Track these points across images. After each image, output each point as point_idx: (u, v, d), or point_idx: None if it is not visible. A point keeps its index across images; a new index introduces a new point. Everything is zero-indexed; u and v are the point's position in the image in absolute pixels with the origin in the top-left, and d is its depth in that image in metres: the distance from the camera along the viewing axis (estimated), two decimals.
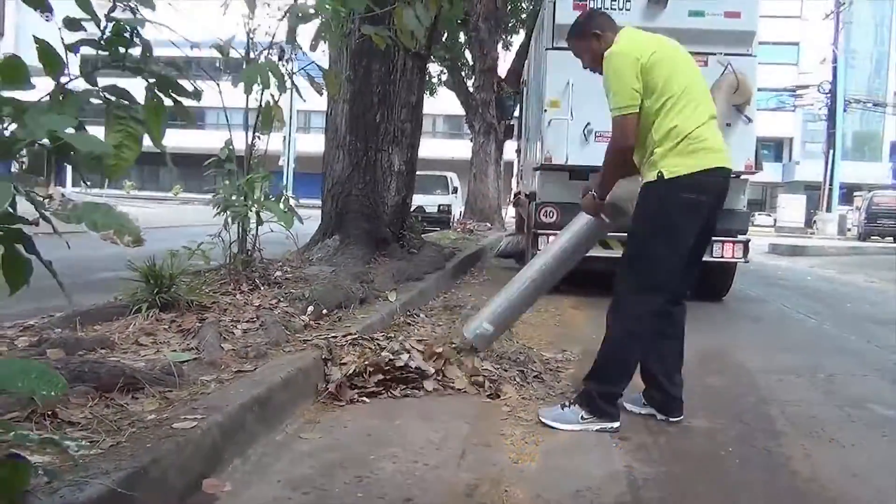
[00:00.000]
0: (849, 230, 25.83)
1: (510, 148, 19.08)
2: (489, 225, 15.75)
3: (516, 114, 13.60)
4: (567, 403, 2.96)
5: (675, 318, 3.06)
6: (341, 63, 6.08)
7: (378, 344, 3.52)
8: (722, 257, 6.55)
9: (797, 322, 6.22)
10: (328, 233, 6.01)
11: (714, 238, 5.98)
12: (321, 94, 4.00)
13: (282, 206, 4.10)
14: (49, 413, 2.02)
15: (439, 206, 18.05)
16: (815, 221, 26.50)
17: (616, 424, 2.89)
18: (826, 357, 4.53)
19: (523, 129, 10.54)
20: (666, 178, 2.76)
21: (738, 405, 3.32)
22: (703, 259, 3.23)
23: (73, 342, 2.78)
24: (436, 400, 3.18)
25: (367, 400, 3.10)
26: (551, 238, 6.65)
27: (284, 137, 30.02)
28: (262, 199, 4.10)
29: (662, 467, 2.52)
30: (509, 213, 19.69)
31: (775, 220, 29.27)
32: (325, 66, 5.15)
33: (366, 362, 3.23)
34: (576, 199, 6.65)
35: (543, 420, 2.92)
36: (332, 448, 2.52)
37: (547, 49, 6.64)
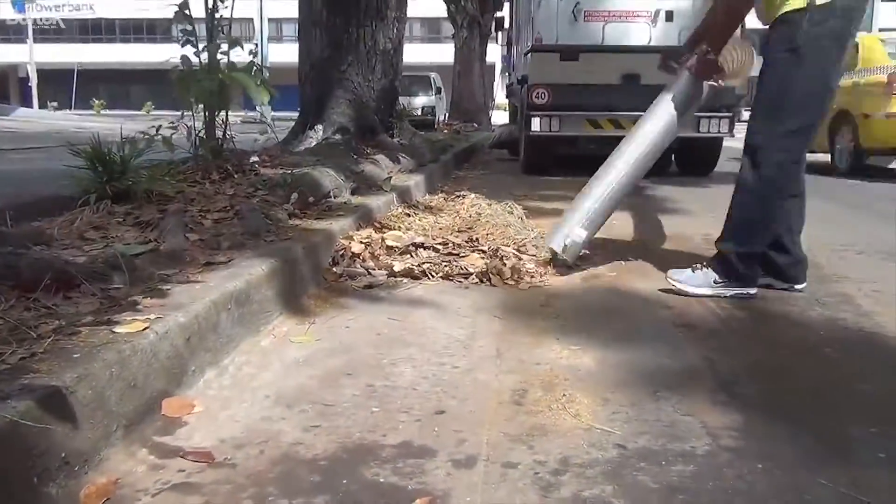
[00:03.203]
0: None
1: (493, 51, 18.21)
2: (476, 125, 15.00)
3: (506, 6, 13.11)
4: (699, 266, 2.66)
5: (802, 173, 2.71)
6: None
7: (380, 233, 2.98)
8: (709, 132, 6.67)
9: (829, 200, 5.70)
10: (309, 123, 5.34)
11: (700, 114, 6.16)
12: None
13: (254, 78, 3.44)
14: None
15: (423, 107, 17.20)
16: None
17: (753, 291, 2.62)
18: (872, 231, 4.03)
19: (514, 16, 10.22)
20: (818, 3, 2.41)
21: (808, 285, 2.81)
22: (689, 135, 2.95)
23: None
24: (453, 292, 2.64)
25: (373, 292, 2.57)
26: (543, 120, 6.72)
27: (256, 45, 28.60)
28: (228, 71, 3.43)
29: (748, 358, 2.00)
30: (495, 116, 18.97)
31: None
32: None
33: (370, 249, 2.68)
34: (567, 80, 6.74)
35: (672, 280, 2.64)
36: (334, 352, 1.98)
37: None
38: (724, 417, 1.60)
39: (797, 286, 2.71)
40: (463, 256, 2.99)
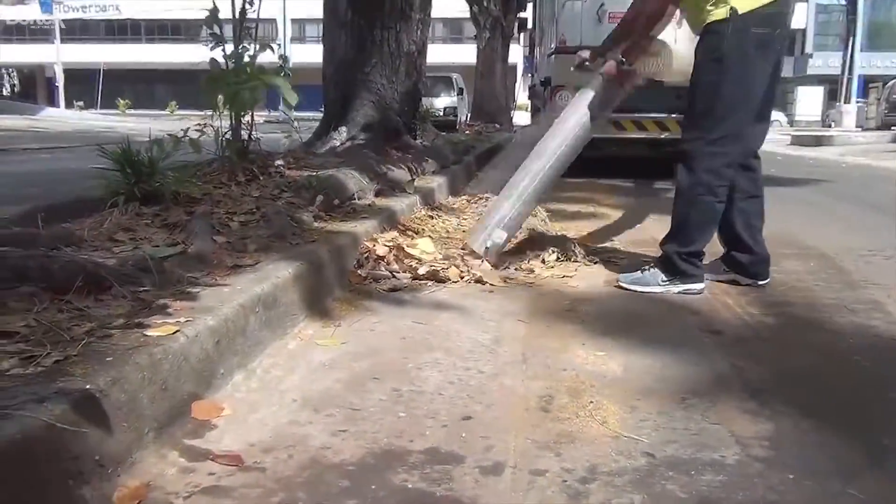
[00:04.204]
0: (869, 119, 24.72)
1: (515, 52, 18.20)
2: (498, 126, 14.99)
3: (529, 7, 13.17)
4: (647, 267, 2.80)
5: (756, 173, 2.84)
6: None
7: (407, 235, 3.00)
8: None
9: (851, 203, 5.64)
10: (333, 124, 5.36)
11: None
12: None
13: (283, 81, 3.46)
14: None
15: (445, 108, 17.22)
16: (828, 115, 25.55)
17: (700, 286, 2.73)
18: None
19: (537, 18, 10.28)
20: (740, 13, 2.54)
21: (833, 290, 2.78)
22: None
23: (27, 239, 2.21)
24: (477, 295, 2.64)
25: (397, 295, 2.58)
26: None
27: (279, 45, 28.77)
28: (257, 72, 3.45)
29: (777, 366, 1.98)
30: (517, 117, 18.97)
31: (787, 116, 28.24)
32: None
33: (394, 252, 2.70)
34: None
35: (622, 284, 2.77)
36: (359, 356, 1.98)
37: None
38: (754, 426, 1.58)
39: (760, 282, 2.82)
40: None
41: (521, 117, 18.83)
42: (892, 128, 22.27)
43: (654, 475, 1.36)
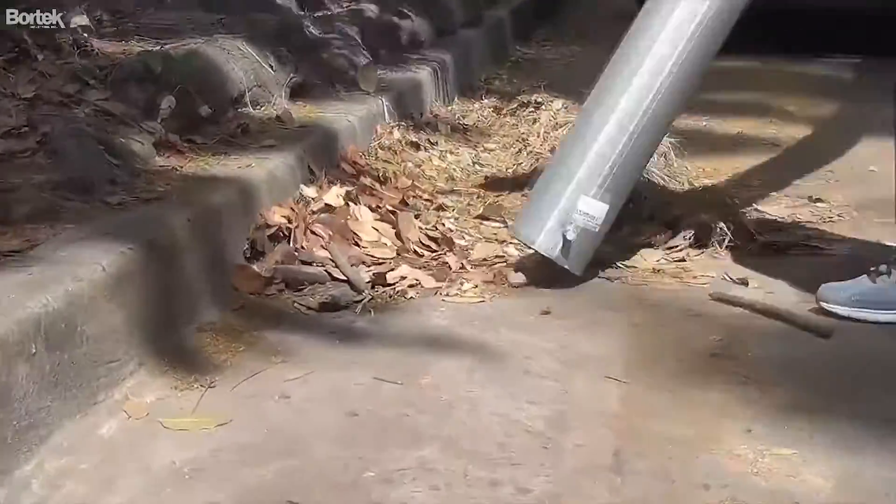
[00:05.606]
0: None
1: None
2: None
3: None
4: (883, 269, 2.85)
5: None
6: None
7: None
8: None
9: None
10: None
11: None
12: None
13: None
14: None
15: None
16: None
17: None
18: None
19: None
20: None
21: None
22: None
23: None
24: (517, 322, 2.70)
25: (339, 319, 2.64)
26: None
27: None
28: None
29: None
30: None
31: None
32: None
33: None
34: None
35: (832, 309, 2.83)
36: (259, 452, 2.01)
37: None
38: None
39: None
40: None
41: None
42: None
43: None
